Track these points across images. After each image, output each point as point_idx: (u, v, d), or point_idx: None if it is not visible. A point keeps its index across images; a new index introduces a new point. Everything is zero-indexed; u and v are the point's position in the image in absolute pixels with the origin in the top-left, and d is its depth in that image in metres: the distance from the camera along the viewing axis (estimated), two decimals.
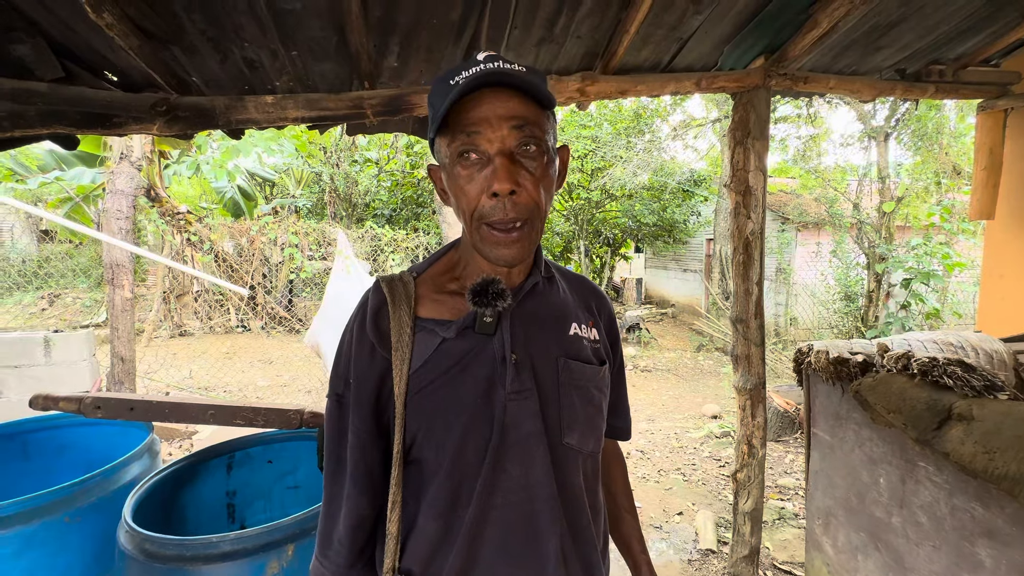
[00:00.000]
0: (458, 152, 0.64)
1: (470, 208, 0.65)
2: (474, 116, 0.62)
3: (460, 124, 0.63)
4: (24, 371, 3.62)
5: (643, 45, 1.69)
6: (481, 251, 0.67)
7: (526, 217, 0.64)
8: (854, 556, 1.66)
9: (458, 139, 0.63)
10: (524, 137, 0.63)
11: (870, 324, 6.23)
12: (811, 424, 1.92)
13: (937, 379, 1.31)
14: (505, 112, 0.62)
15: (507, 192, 0.62)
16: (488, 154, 0.63)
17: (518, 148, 0.63)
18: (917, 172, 7.23)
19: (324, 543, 0.72)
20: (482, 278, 0.67)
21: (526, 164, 0.64)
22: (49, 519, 1.28)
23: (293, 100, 1.59)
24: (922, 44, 1.88)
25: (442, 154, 0.67)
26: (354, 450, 0.69)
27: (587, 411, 0.73)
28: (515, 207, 0.63)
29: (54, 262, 9.68)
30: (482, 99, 0.62)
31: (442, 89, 0.63)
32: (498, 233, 0.64)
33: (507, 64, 0.63)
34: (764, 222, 1.94)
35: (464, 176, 0.64)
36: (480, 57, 0.63)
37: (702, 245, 12.05)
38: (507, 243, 0.65)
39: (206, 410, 1.53)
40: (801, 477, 3.41)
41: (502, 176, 0.61)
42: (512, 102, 0.62)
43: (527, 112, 0.63)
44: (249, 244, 8.06)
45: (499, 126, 0.62)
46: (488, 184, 0.62)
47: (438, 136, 0.66)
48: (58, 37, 1.33)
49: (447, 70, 0.66)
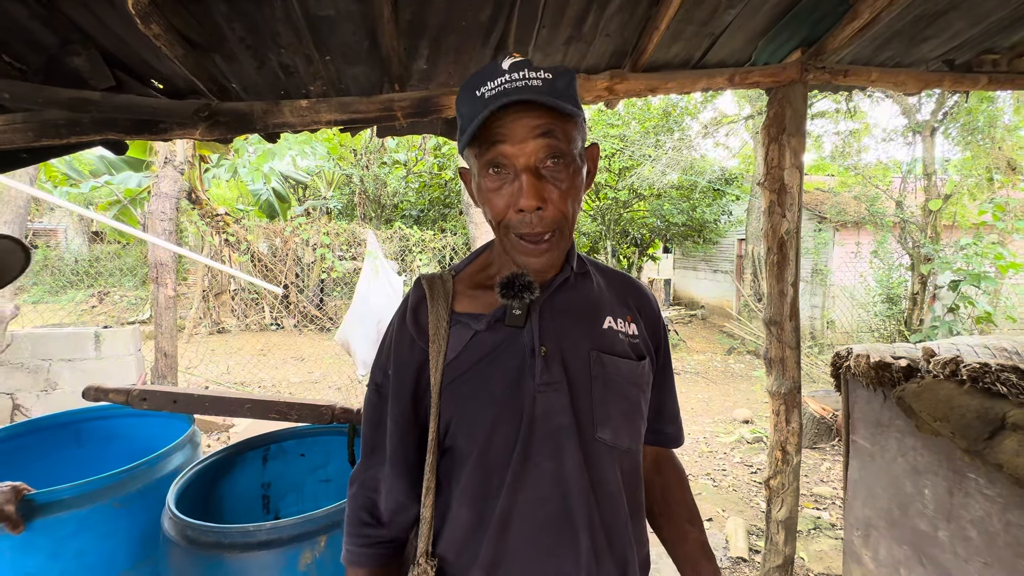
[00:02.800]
0: (486, 165, 0.65)
1: (498, 218, 0.67)
2: (499, 132, 0.63)
3: (486, 137, 0.64)
4: (76, 364, 3.84)
5: (673, 41, 1.66)
6: (512, 258, 0.69)
7: (554, 228, 0.66)
8: (896, 570, 1.59)
9: (485, 153, 0.64)
10: (550, 151, 0.63)
11: (914, 328, 5.93)
12: (850, 431, 1.84)
13: (989, 386, 1.24)
14: (531, 123, 0.62)
15: (533, 209, 0.63)
16: (515, 168, 0.64)
17: (544, 162, 0.64)
18: (967, 168, 6.83)
19: (353, 527, 0.74)
20: (510, 272, 0.69)
21: (552, 178, 0.65)
22: (101, 504, 1.35)
23: (326, 104, 1.63)
24: (973, 33, 1.78)
25: (471, 163, 0.68)
26: (393, 437, 0.72)
27: (622, 406, 0.72)
28: (542, 221, 0.65)
29: (104, 261, 10.24)
30: (507, 114, 0.62)
31: (469, 98, 0.65)
32: (527, 244, 0.66)
33: (532, 72, 0.62)
34: (800, 221, 1.87)
35: (491, 189, 0.66)
36: (505, 66, 0.63)
37: (733, 245, 11.74)
38: (536, 253, 0.66)
39: (243, 404, 1.59)
40: (838, 486, 3.28)
41: (528, 193, 0.63)
42: (537, 116, 0.62)
43: (552, 124, 0.63)
44: (283, 244, 8.33)
45: (524, 141, 0.62)
46: (515, 200, 0.64)
47: (467, 147, 0.67)
48: (110, 48, 1.40)
49: (474, 75, 0.66)
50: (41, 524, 1.27)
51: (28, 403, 3.75)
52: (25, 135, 1.46)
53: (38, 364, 3.77)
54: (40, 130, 1.46)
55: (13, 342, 3.73)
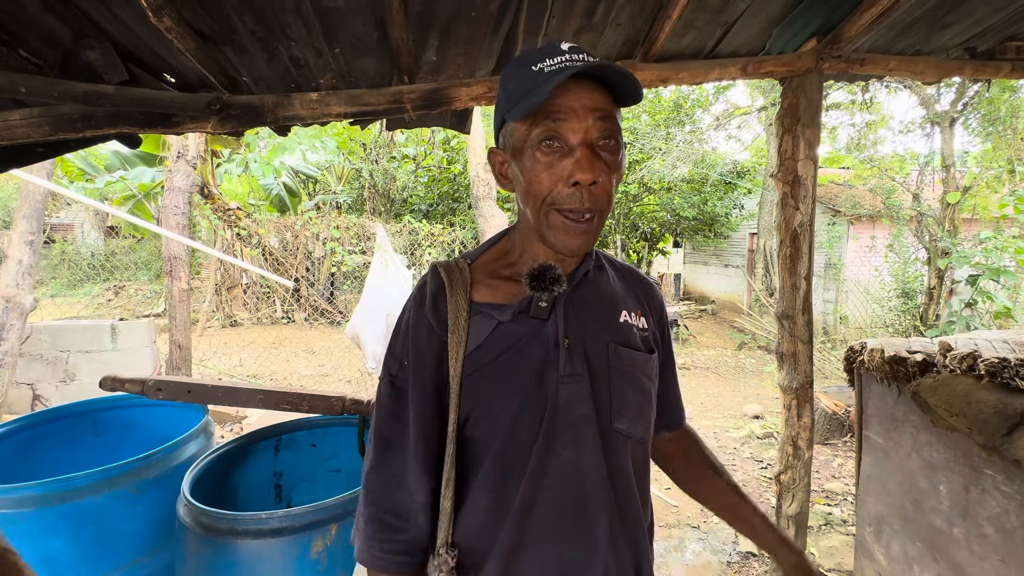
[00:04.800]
0: (540, 138, 0.65)
1: (543, 194, 0.66)
2: (561, 104, 0.63)
3: (545, 111, 0.64)
4: (94, 356, 3.92)
5: (685, 31, 1.63)
6: (546, 238, 0.69)
7: (599, 208, 0.66)
8: (909, 567, 1.57)
9: (541, 125, 0.64)
10: (606, 130, 0.65)
11: (930, 323, 5.83)
12: (863, 426, 1.82)
13: (1008, 381, 1.21)
14: (591, 104, 0.64)
15: (589, 182, 0.64)
16: (571, 143, 0.64)
17: (599, 140, 0.65)
18: (987, 160, 6.66)
19: (378, 529, 0.70)
20: (539, 264, 0.69)
21: (605, 157, 0.65)
22: (118, 490, 1.38)
23: (336, 96, 1.64)
24: (996, 19, 1.72)
25: (516, 138, 0.67)
26: (415, 428, 0.70)
27: (636, 397, 0.74)
28: (592, 197, 0.65)
29: (119, 256, 10.42)
30: (569, 89, 0.63)
31: (522, 74, 0.65)
32: (570, 222, 0.66)
33: (590, 57, 0.65)
34: (813, 214, 1.84)
35: (543, 163, 0.65)
36: (564, 47, 0.65)
37: (745, 240, 11.60)
38: (577, 232, 0.66)
39: (255, 395, 1.61)
40: (850, 482, 3.25)
41: (585, 166, 0.63)
42: (597, 94, 0.64)
43: (609, 106, 0.65)
44: (293, 239, 8.40)
45: (585, 117, 0.63)
46: (569, 173, 0.64)
47: (517, 121, 0.67)
48: (123, 42, 1.41)
49: (525, 53, 0.67)
50: (61, 510, 1.30)
51: (47, 393, 3.84)
52: (42, 129, 1.48)
53: (57, 355, 3.86)
54: (56, 124, 1.48)
55: (33, 334, 3.82)
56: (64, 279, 10.44)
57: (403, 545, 0.70)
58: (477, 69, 1.70)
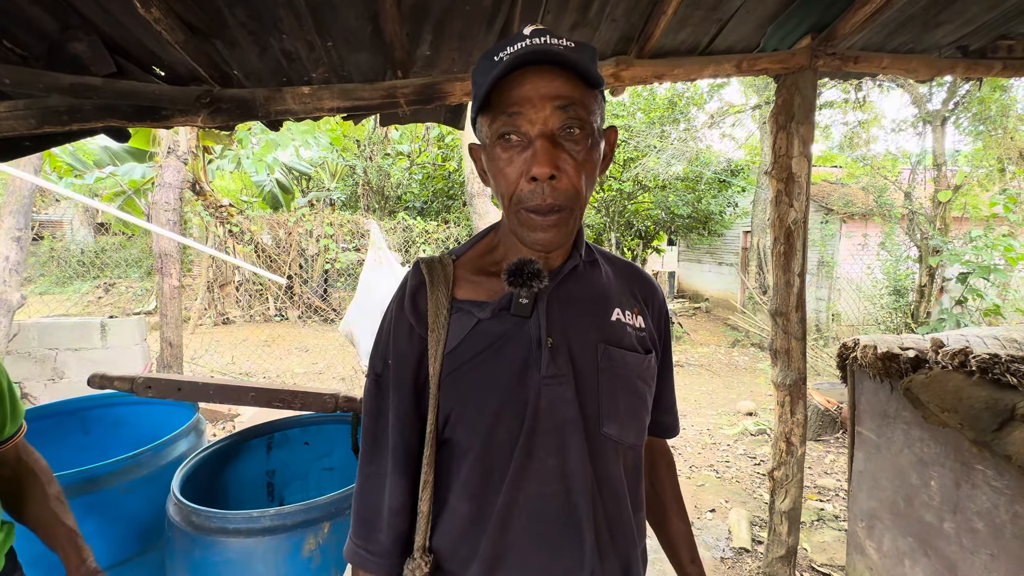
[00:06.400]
0: (498, 133, 0.62)
1: (508, 192, 0.63)
2: (516, 96, 0.60)
3: (502, 104, 0.61)
4: (83, 354, 3.87)
5: (680, 27, 1.63)
6: (519, 235, 0.66)
7: (565, 204, 0.62)
8: (900, 561, 1.58)
9: (499, 119, 0.61)
10: (568, 119, 0.60)
11: (921, 320, 5.89)
12: (855, 423, 1.83)
13: (998, 377, 1.22)
14: (548, 92, 0.59)
15: (546, 177, 0.60)
16: (529, 136, 0.61)
17: (561, 130, 0.61)
18: (978, 159, 6.73)
19: (360, 527, 0.71)
20: (518, 258, 0.65)
21: (568, 147, 0.61)
22: (106, 489, 1.36)
23: (329, 91, 1.62)
24: (988, 18, 1.73)
25: (483, 134, 0.65)
26: (394, 430, 0.69)
27: (629, 401, 0.70)
28: (554, 192, 0.61)
29: (109, 252, 10.30)
30: (525, 78, 0.59)
31: (486, 67, 0.61)
32: (536, 217, 0.62)
33: (554, 39, 0.60)
34: (807, 211, 1.85)
35: (504, 159, 0.62)
36: (526, 32, 0.61)
37: (738, 238, 11.65)
38: (544, 227, 0.63)
39: (247, 392, 1.59)
40: (842, 478, 3.27)
41: (542, 160, 0.59)
42: (557, 81, 0.59)
43: (572, 92, 0.60)
44: (287, 236, 8.34)
45: (542, 106, 0.59)
46: (527, 167, 0.61)
47: (480, 115, 0.64)
48: (111, 34, 1.39)
49: (494, 45, 0.63)
50: None
51: (35, 392, 3.78)
52: (27, 122, 1.45)
53: (45, 353, 3.80)
54: (42, 117, 1.46)
55: (20, 331, 3.76)
56: (53, 276, 10.30)
57: (381, 546, 0.69)
58: (471, 64, 1.68)
